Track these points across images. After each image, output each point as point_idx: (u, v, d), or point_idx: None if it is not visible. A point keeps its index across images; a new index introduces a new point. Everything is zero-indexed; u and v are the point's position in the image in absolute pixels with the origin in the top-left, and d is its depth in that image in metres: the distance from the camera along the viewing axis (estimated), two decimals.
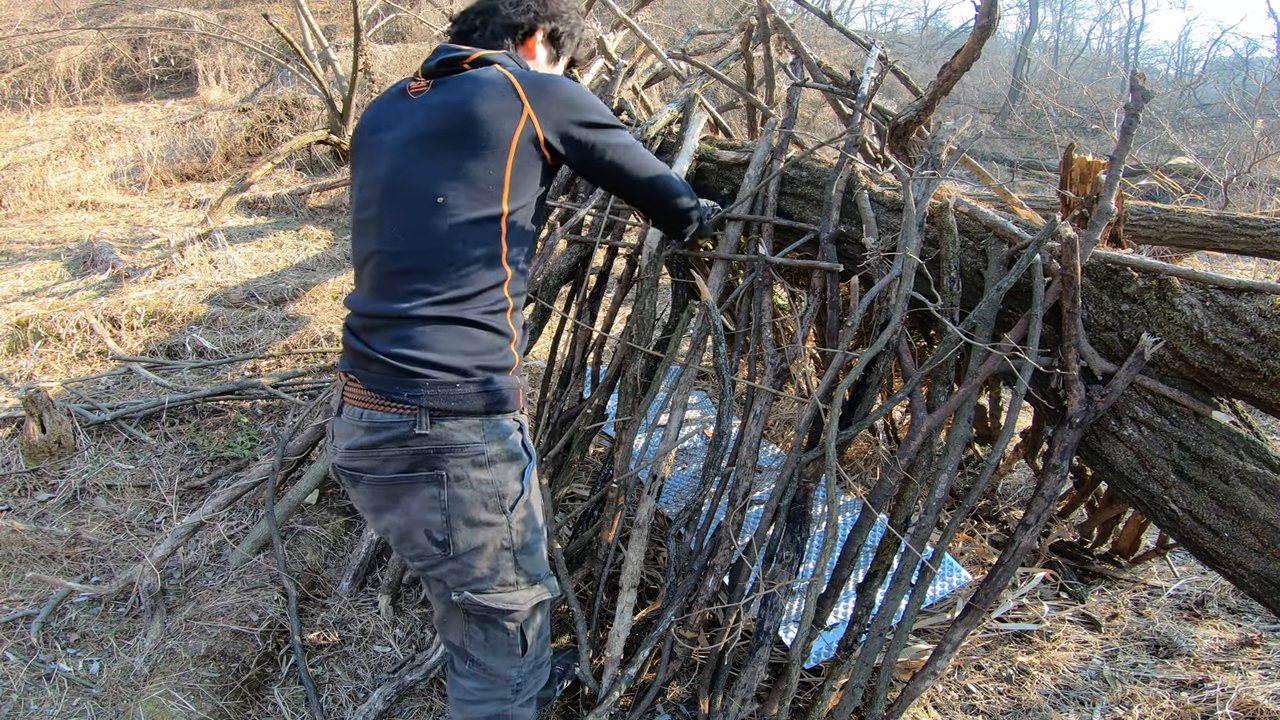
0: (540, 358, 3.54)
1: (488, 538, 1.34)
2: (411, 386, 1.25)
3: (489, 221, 1.28)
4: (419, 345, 1.26)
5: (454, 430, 1.27)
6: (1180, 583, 2.51)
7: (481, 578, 1.36)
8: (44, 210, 6.11)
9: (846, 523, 2.46)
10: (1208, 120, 12.43)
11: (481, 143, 1.25)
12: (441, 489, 1.29)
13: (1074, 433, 1.50)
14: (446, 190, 1.26)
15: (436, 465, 1.28)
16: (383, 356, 1.26)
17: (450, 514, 1.30)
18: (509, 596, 1.38)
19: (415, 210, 1.27)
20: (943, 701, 1.99)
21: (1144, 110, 1.43)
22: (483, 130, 1.25)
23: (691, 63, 2.61)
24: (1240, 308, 1.36)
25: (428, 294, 1.27)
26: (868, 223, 1.75)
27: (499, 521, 1.34)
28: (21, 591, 2.28)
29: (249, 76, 8.97)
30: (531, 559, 1.41)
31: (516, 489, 1.35)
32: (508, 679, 1.46)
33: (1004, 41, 18.00)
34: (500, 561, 1.37)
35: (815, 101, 8.24)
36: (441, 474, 1.28)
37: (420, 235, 1.27)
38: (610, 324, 2.38)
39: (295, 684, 2.00)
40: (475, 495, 1.30)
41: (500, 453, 1.32)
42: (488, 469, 1.31)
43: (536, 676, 1.52)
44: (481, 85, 1.28)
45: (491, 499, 1.32)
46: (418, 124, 1.30)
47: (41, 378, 3.57)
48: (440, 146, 1.27)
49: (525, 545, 1.39)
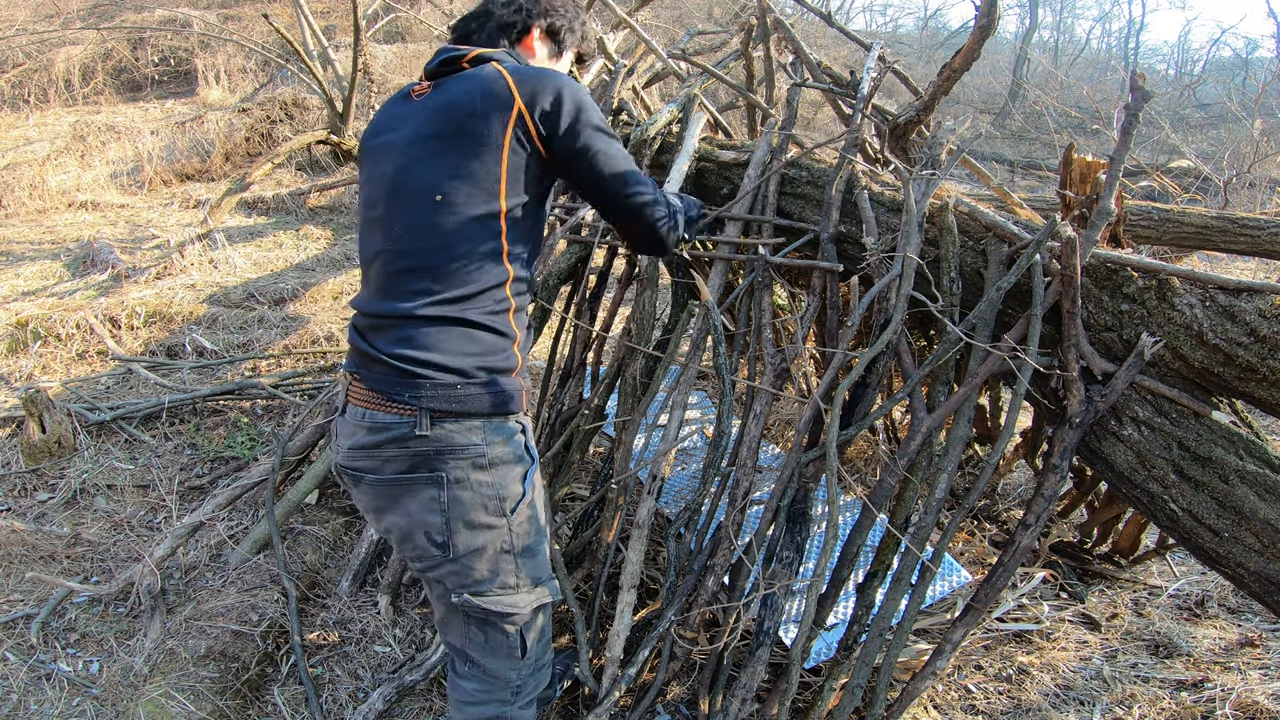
0: (540, 357, 3.55)
1: (488, 540, 1.33)
2: (412, 388, 1.25)
3: (488, 218, 1.28)
4: (421, 346, 1.25)
5: (455, 432, 1.27)
6: (1180, 583, 2.51)
7: (481, 580, 1.35)
8: (44, 210, 6.11)
9: (846, 523, 2.46)
10: (1207, 120, 12.43)
11: (477, 139, 1.25)
12: (441, 490, 1.28)
13: (1074, 433, 1.50)
14: (447, 188, 1.26)
15: (437, 467, 1.27)
16: (385, 357, 1.26)
17: (450, 516, 1.30)
18: (508, 599, 1.37)
19: (418, 209, 1.28)
20: (943, 701, 1.99)
21: (1144, 110, 1.43)
22: (477, 126, 1.25)
23: (691, 63, 2.61)
24: (1240, 308, 1.36)
25: (430, 293, 1.26)
26: (868, 223, 1.75)
27: (499, 524, 1.33)
28: (21, 591, 2.28)
29: (249, 76, 8.97)
30: (533, 562, 1.40)
31: (518, 491, 1.34)
32: (508, 681, 1.45)
33: (1004, 41, 18.00)
34: (500, 564, 1.36)
35: (815, 101, 8.24)
36: (442, 475, 1.28)
37: (423, 233, 1.27)
38: (610, 324, 2.38)
39: (295, 684, 2.00)
40: (475, 497, 1.30)
41: (502, 455, 1.32)
42: (489, 471, 1.30)
43: (537, 679, 1.51)
44: (477, 82, 1.28)
45: (492, 501, 1.31)
46: (420, 125, 1.30)
47: (41, 378, 3.57)
48: (443, 146, 1.27)
49: (526, 548, 1.38)
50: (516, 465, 1.34)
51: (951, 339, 1.58)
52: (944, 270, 1.64)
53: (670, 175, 1.97)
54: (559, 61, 1.54)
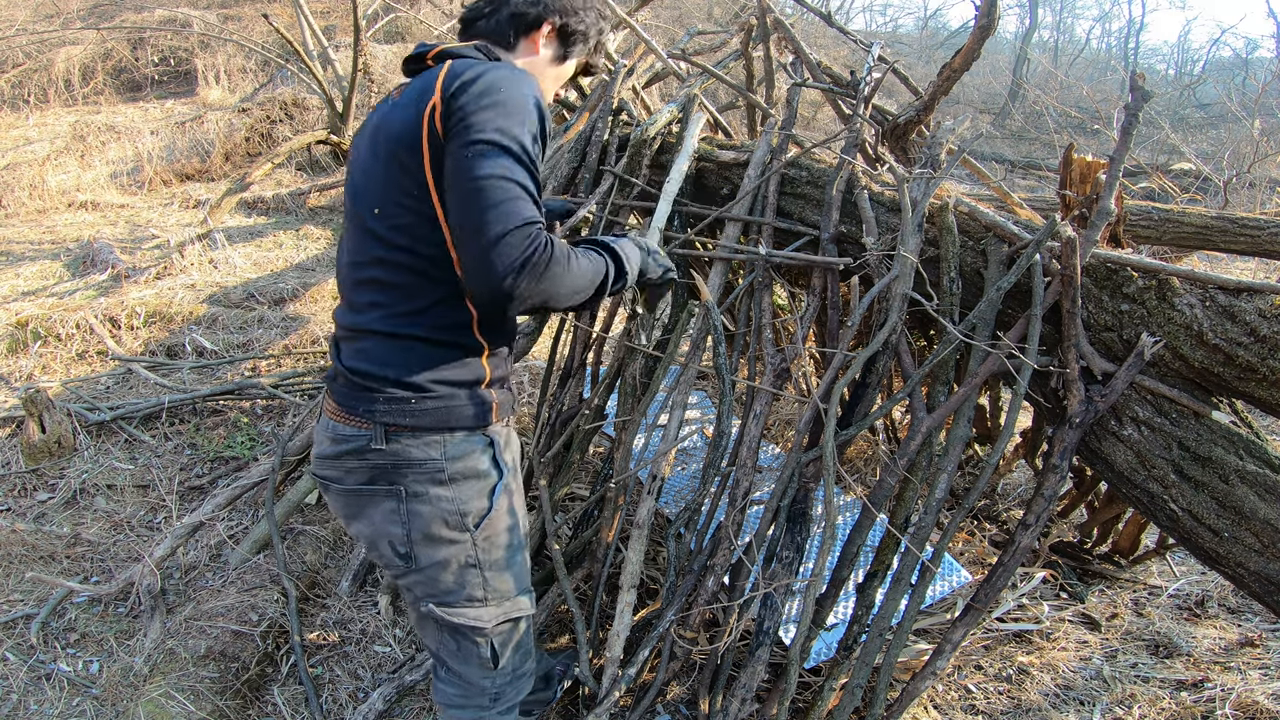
0: (540, 357, 3.55)
1: (450, 554, 1.30)
2: (367, 401, 1.22)
3: (424, 226, 1.18)
4: (374, 360, 1.22)
5: (411, 446, 1.23)
6: (1180, 583, 2.51)
7: (448, 591, 1.33)
8: (44, 210, 6.11)
9: (846, 523, 2.46)
10: (1207, 120, 12.43)
11: (405, 143, 1.16)
12: (400, 503, 1.26)
13: (1074, 433, 1.50)
14: (381, 199, 1.19)
15: (395, 480, 1.25)
16: (345, 369, 1.24)
17: (410, 528, 1.27)
18: (473, 613, 1.34)
19: (363, 220, 1.23)
20: (943, 701, 1.99)
21: (1144, 110, 1.43)
22: (407, 131, 1.16)
23: (691, 63, 2.61)
24: (1240, 308, 1.36)
25: (380, 306, 1.22)
26: (868, 223, 1.75)
27: (462, 539, 1.30)
28: (21, 591, 2.28)
29: (249, 76, 8.97)
30: (502, 576, 1.36)
31: (483, 506, 1.30)
32: (483, 689, 1.44)
33: (1004, 41, 18.01)
34: (466, 577, 1.32)
35: (815, 101, 8.24)
36: (400, 489, 1.25)
37: (368, 246, 1.22)
38: (610, 324, 2.38)
39: (295, 684, 2.00)
40: (435, 512, 1.26)
41: (464, 470, 1.27)
42: (449, 486, 1.26)
43: (516, 687, 1.49)
44: (421, 82, 1.19)
45: (453, 516, 1.27)
46: (378, 131, 1.24)
47: (41, 378, 3.57)
48: (381, 154, 1.21)
49: (495, 562, 1.34)
50: (480, 480, 1.29)
51: (951, 339, 1.58)
52: (944, 270, 1.64)
53: (670, 175, 1.97)
54: (560, 68, 1.41)
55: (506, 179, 1.09)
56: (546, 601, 2.03)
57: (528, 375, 3.61)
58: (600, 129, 2.22)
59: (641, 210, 2.15)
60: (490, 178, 1.09)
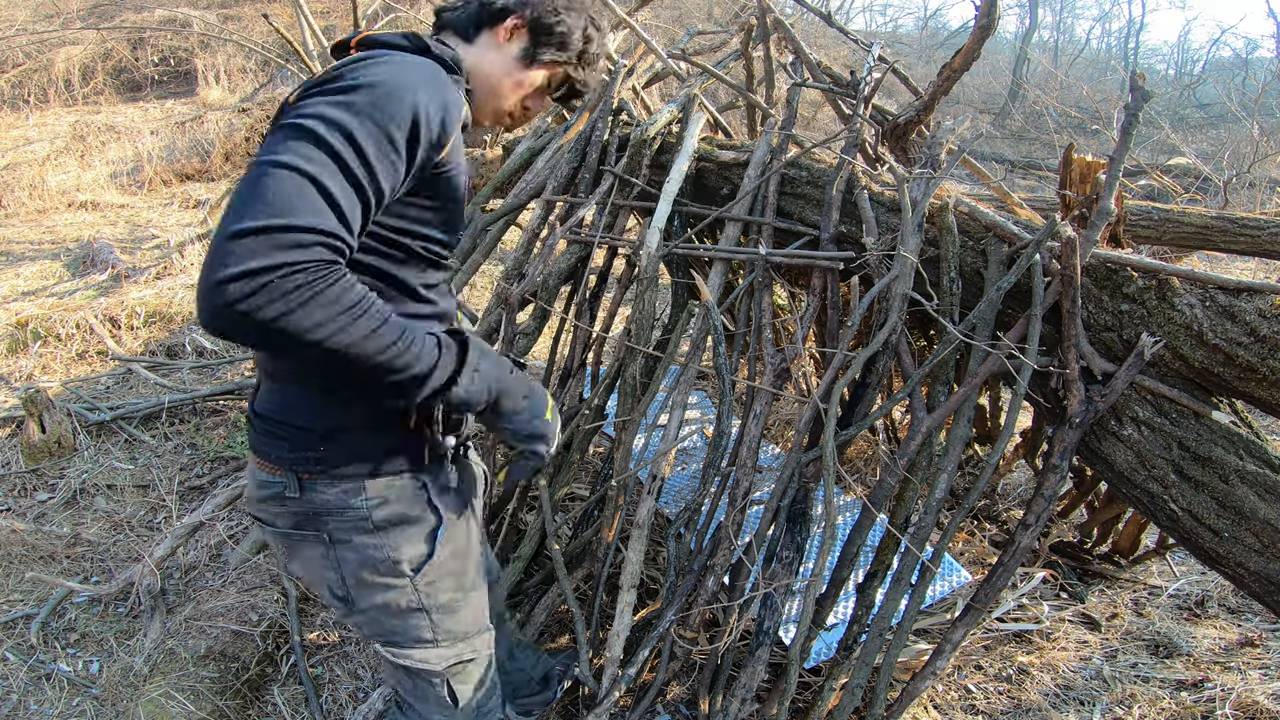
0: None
1: (390, 598, 1.20)
2: (277, 447, 1.11)
3: None
4: (277, 404, 1.12)
5: (326, 494, 1.12)
6: (1180, 583, 2.51)
7: (393, 632, 1.24)
8: (44, 210, 6.11)
9: (846, 523, 2.46)
10: (1207, 120, 12.44)
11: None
12: (329, 549, 1.16)
13: (1074, 433, 1.50)
14: None
15: (319, 526, 1.14)
16: (257, 413, 1.15)
17: (344, 573, 1.18)
18: (421, 654, 1.25)
19: None
20: (943, 701, 1.99)
21: (1144, 110, 1.43)
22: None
23: (691, 63, 2.61)
24: (1240, 308, 1.36)
25: None
26: (868, 223, 1.75)
27: (399, 584, 1.19)
28: (21, 591, 2.28)
29: (249, 76, 8.98)
30: (454, 617, 1.26)
31: (420, 552, 1.18)
32: None
33: (1004, 41, 18.01)
34: (410, 620, 1.22)
35: (815, 101, 8.24)
36: (325, 535, 1.15)
37: None
38: (610, 324, 2.38)
39: (295, 684, 2.00)
40: (363, 559, 1.16)
41: (391, 517, 1.14)
42: (376, 535, 1.14)
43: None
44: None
45: (384, 564, 1.16)
46: None
47: (41, 378, 3.57)
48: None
49: (442, 606, 1.24)
50: (414, 526, 1.17)
51: (951, 339, 1.58)
52: (944, 270, 1.64)
53: (670, 175, 1.97)
54: (527, 72, 1.21)
55: (301, 172, 0.84)
56: (546, 601, 2.03)
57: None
58: (600, 129, 2.22)
59: (641, 210, 2.15)
60: (279, 165, 0.83)
